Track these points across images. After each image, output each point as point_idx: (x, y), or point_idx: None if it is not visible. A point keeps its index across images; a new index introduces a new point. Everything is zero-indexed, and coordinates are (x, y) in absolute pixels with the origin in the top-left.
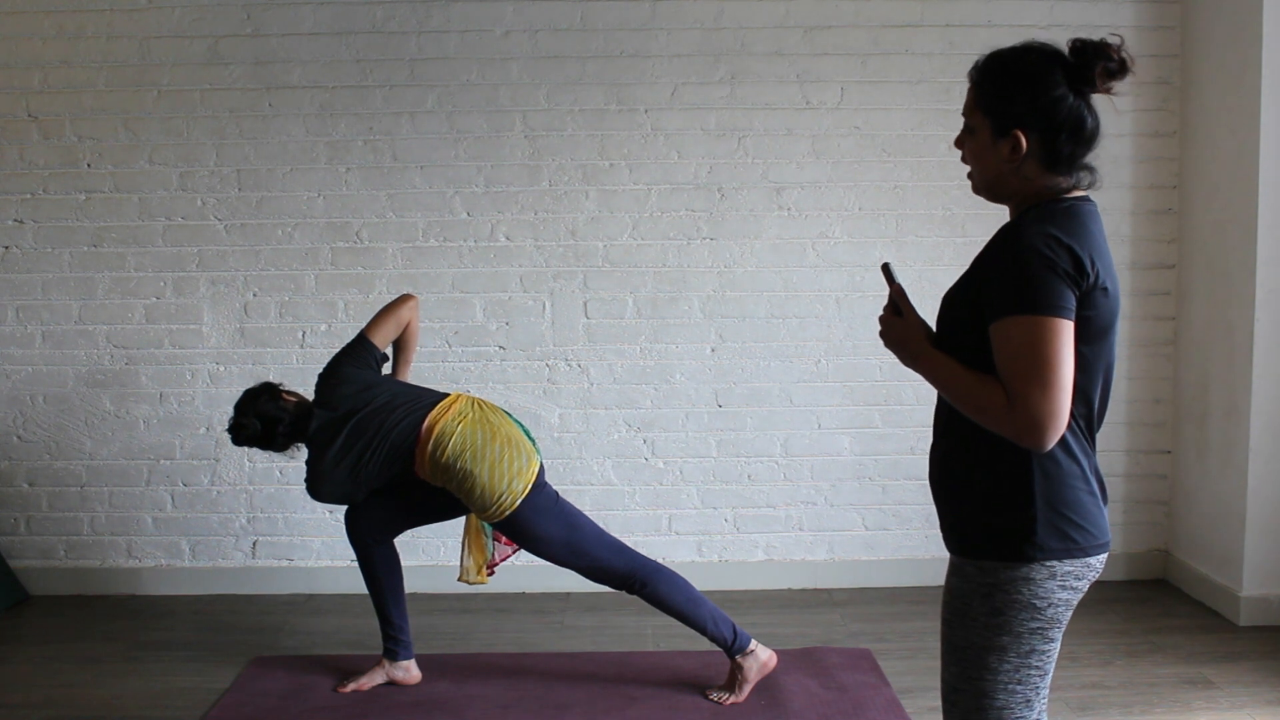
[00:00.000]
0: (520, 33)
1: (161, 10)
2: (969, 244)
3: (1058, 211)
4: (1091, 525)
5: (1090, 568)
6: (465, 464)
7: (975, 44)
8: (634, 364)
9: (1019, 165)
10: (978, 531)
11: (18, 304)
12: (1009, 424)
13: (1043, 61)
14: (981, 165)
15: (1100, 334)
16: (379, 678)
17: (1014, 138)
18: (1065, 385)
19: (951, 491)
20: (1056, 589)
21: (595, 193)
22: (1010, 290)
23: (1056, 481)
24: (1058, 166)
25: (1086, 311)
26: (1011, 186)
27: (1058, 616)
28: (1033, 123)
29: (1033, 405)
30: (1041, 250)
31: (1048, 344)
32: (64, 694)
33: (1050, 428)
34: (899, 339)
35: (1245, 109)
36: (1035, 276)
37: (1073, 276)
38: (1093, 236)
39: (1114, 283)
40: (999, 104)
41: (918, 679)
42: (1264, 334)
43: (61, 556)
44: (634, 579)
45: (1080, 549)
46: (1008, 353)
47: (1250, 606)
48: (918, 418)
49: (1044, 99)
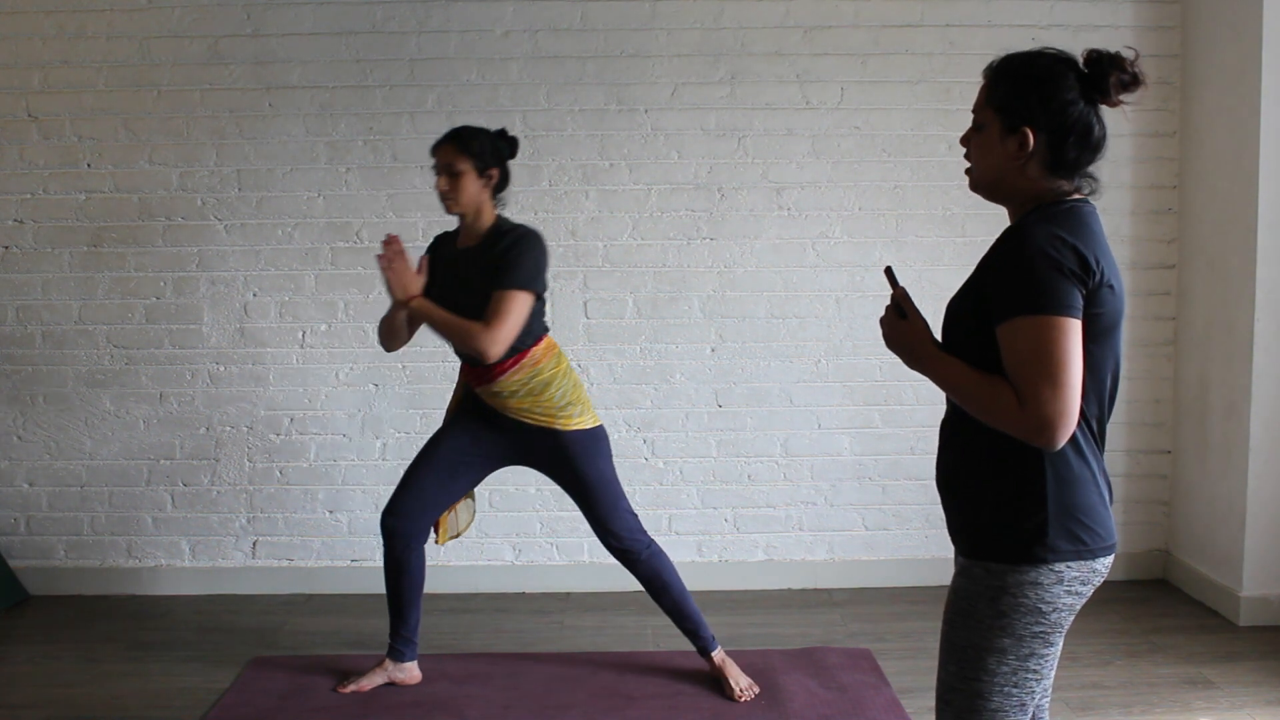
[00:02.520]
0: (520, 33)
1: (161, 10)
2: (969, 244)
3: (1059, 212)
4: (1100, 527)
5: (1096, 572)
6: (558, 380)
7: (975, 44)
8: (634, 364)
9: (1024, 164)
10: (989, 534)
11: (18, 304)
12: (1020, 424)
13: (1058, 66)
14: (986, 162)
15: (1107, 331)
16: (379, 678)
17: (1022, 134)
18: (1075, 384)
19: (961, 494)
20: (1063, 593)
21: (595, 193)
22: (1017, 291)
23: (1068, 483)
24: (1061, 170)
25: (1095, 309)
26: (1013, 186)
27: (1060, 621)
28: (1042, 123)
29: (1044, 404)
30: (1047, 250)
31: (1057, 343)
32: (64, 694)
33: (1061, 426)
34: (903, 342)
35: (1245, 109)
36: (1042, 276)
37: (1079, 275)
38: (1096, 235)
39: (1118, 280)
40: (1011, 100)
41: (918, 679)
42: (1264, 334)
43: (61, 556)
44: (647, 543)
45: (1089, 551)
46: (1017, 353)
47: (1250, 606)
48: (918, 418)
49: (1055, 101)
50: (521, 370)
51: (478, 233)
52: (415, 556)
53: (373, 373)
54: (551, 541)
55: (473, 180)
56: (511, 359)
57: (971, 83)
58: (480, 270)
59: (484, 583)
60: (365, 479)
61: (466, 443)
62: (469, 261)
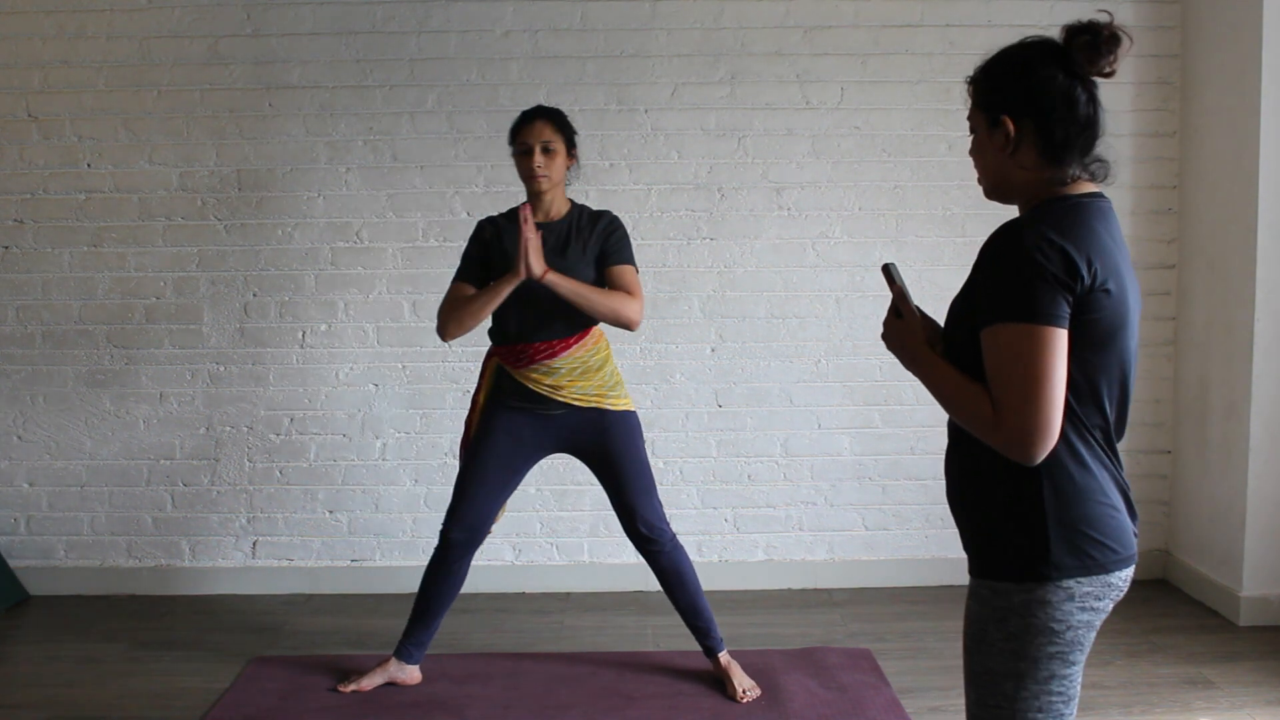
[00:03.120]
0: (520, 33)
1: (161, 10)
2: (969, 244)
3: (1057, 210)
4: (1112, 540)
5: (1111, 586)
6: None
7: (975, 44)
8: (634, 364)
9: (1014, 155)
10: (990, 550)
11: (18, 304)
12: (993, 436)
13: (1029, 49)
14: (983, 164)
15: (1108, 337)
16: (380, 678)
17: (1003, 124)
18: (1053, 397)
19: (965, 510)
20: (1075, 611)
21: (595, 193)
22: (998, 295)
23: (1069, 496)
24: (1055, 155)
25: (1089, 315)
26: (1014, 182)
27: (1078, 639)
28: (1022, 107)
29: (1018, 417)
30: (1031, 253)
31: (1035, 353)
32: (64, 694)
33: (1036, 442)
34: (898, 341)
35: (1245, 109)
36: (1024, 281)
37: (1064, 281)
38: (1095, 235)
39: (1120, 283)
40: (989, 95)
41: (918, 679)
42: (1264, 334)
43: (61, 556)
44: (671, 535)
45: (1099, 565)
46: (994, 361)
47: (1250, 606)
48: (918, 418)
49: (1030, 80)
50: (585, 347)
51: (558, 210)
52: (466, 566)
53: (373, 373)
54: (551, 541)
55: (564, 158)
56: (578, 335)
57: None
58: (580, 245)
59: (484, 583)
60: (365, 479)
61: (509, 447)
62: (557, 236)
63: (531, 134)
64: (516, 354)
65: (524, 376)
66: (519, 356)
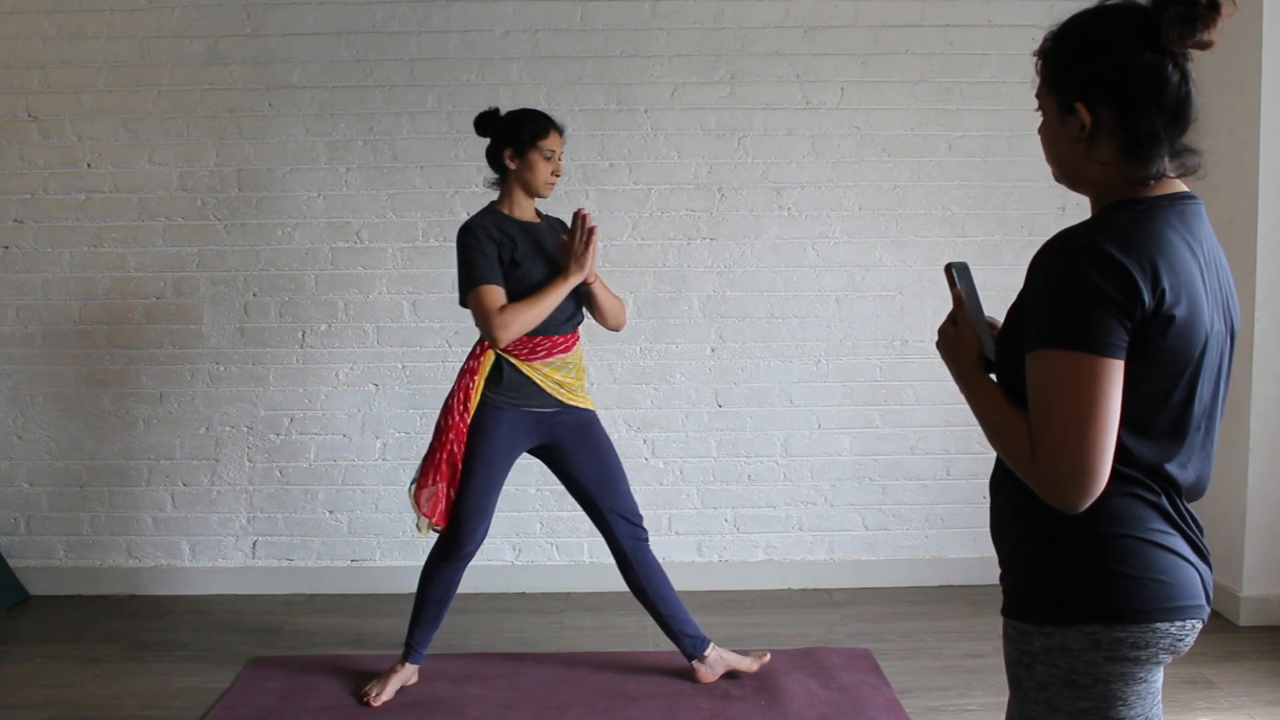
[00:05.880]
0: (520, 33)
1: (161, 10)
2: (969, 244)
3: (1126, 216)
4: (1162, 579)
5: (1159, 634)
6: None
7: (975, 44)
8: (634, 364)
9: (1090, 148)
10: (1009, 583)
11: (18, 304)
12: (1029, 476)
13: (1110, 18)
14: (1054, 151)
15: (1176, 369)
16: (398, 683)
17: (1078, 114)
18: (1098, 439)
19: (1001, 542)
20: (1103, 661)
21: (595, 193)
22: (1045, 316)
23: (1110, 531)
24: (1139, 150)
25: (1155, 343)
26: (1089, 175)
27: (1114, 694)
28: (1099, 92)
29: (1053, 460)
30: (1084, 269)
31: (1081, 386)
32: (64, 694)
33: (1074, 490)
34: (950, 351)
35: (1245, 109)
36: (1074, 303)
37: (1120, 304)
38: (1169, 248)
39: (1195, 305)
40: (1061, 75)
41: (918, 679)
42: (1264, 334)
43: (61, 556)
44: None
45: (1135, 612)
46: (1035, 392)
47: (1250, 606)
48: (918, 418)
49: (1108, 60)
50: (578, 344)
51: (533, 211)
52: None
53: (373, 373)
54: (551, 541)
55: None
56: (576, 331)
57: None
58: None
59: (484, 583)
60: (365, 479)
61: (507, 450)
62: (544, 236)
63: (553, 142)
64: (534, 346)
65: (534, 370)
66: (536, 349)
